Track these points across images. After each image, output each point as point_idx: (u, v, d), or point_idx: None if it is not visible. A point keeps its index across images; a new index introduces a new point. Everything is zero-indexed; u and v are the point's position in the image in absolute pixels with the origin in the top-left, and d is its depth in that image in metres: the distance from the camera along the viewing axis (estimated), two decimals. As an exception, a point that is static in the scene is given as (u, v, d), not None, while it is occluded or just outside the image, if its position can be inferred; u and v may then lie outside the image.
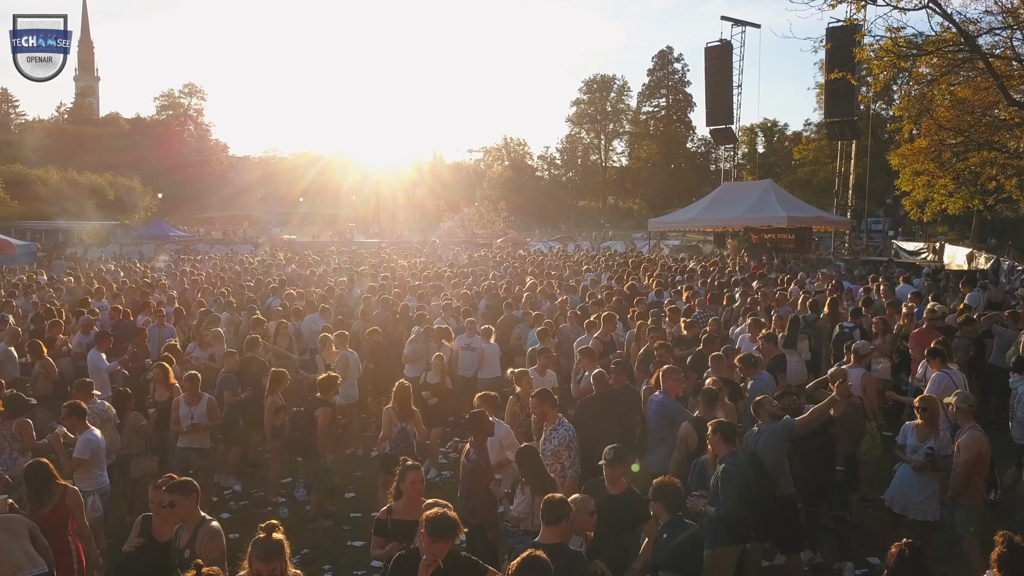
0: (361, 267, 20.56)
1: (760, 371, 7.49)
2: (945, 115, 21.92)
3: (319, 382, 7.79)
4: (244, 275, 19.87)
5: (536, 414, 6.33)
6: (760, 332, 9.54)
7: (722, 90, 35.67)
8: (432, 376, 8.99)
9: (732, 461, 5.21)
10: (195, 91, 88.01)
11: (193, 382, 7.81)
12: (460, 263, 22.82)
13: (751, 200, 26.96)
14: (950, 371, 7.82)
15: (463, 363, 10.24)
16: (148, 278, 18.34)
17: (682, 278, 17.12)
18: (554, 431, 6.12)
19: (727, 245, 29.19)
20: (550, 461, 5.91)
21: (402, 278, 17.16)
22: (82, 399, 6.75)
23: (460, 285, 15.66)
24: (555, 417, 6.20)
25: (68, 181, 47.62)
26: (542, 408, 6.24)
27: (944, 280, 16.20)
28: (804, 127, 67.82)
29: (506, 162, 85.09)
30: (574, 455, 6.00)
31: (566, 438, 6.05)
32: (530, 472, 5.12)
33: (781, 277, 16.02)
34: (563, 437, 6.05)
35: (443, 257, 26.13)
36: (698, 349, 9.12)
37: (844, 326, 10.48)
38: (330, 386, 7.68)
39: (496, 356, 9.97)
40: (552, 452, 6.00)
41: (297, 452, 7.82)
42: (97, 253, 32.00)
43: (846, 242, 33.17)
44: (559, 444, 6.03)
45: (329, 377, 7.77)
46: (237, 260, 25.22)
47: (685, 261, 23.20)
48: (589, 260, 23.85)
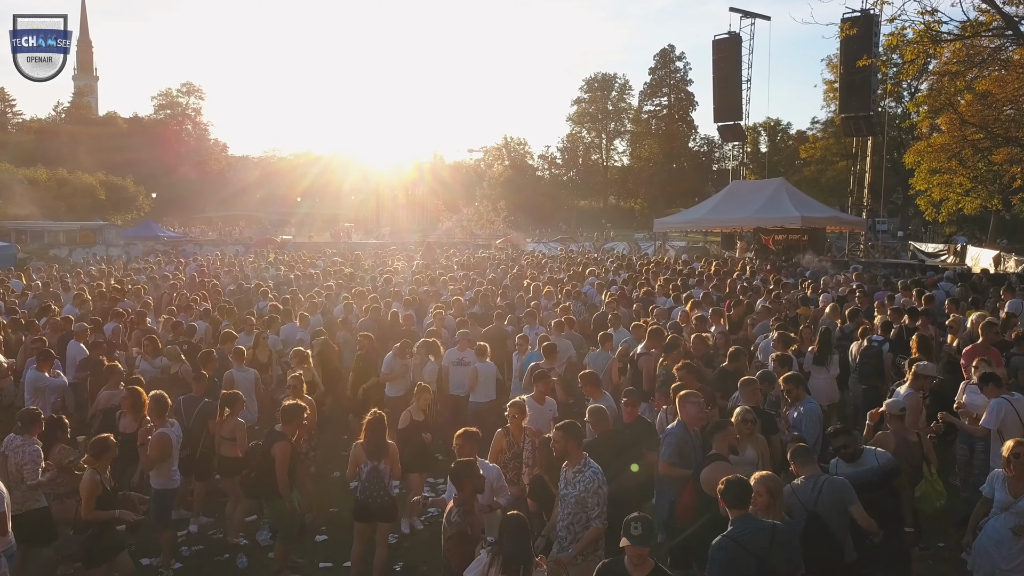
0: (348, 270, 19.44)
1: (808, 397, 6.31)
2: (968, 109, 20.86)
3: (283, 410, 6.65)
4: (229, 279, 18.71)
5: (557, 451, 5.26)
6: (789, 348, 8.43)
7: (730, 85, 34.34)
8: (417, 411, 7.26)
9: (738, 534, 4.09)
10: (193, 90, 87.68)
11: (161, 405, 6.63)
12: (454, 266, 21.63)
13: (762, 199, 25.68)
14: (1011, 397, 6.55)
15: (454, 380, 9.11)
16: (120, 283, 17.17)
17: (692, 282, 15.98)
18: (579, 473, 5.11)
19: (736, 246, 27.98)
20: (572, 509, 5.03)
21: (391, 282, 16.00)
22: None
23: (455, 290, 14.53)
24: (579, 456, 5.17)
25: (57, 181, 46.47)
26: (566, 445, 5.18)
27: (979, 285, 14.97)
28: (811, 125, 66.54)
29: (506, 162, 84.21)
30: (602, 503, 5.03)
31: (594, 483, 5.04)
32: (511, 549, 4.07)
33: (801, 282, 14.81)
34: (590, 482, 5.04)
35: (438, 260, 24.94)
36: (723, 365, 7.98)
37: (873, 340, 9.25)
38: (294, 416, 6.54)
39: (492, 376, 8.83)
40: (576, 499, 5.03)
41: (256, 494, 6.68)
42: (82, 255, 30.88)
43: (861, 243, 31.65)
44: (585, 490, 5.03)
45: (293, 407, 6.62)
46: (227, 262, 24.02)
47: (691, 264, 21.97)
48: (595, 263, 22.70)
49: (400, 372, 8.89)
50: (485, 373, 8.75)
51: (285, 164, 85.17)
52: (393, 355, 8.94)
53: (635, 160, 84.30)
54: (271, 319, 11.17)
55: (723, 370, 7.96)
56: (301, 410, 6.60)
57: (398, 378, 8.87)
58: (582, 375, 7.23)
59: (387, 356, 9.00)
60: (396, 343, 9.11)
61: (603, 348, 8.72)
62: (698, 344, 8.63)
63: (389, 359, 8.95)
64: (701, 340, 8.71)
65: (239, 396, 7.04)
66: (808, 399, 6.36)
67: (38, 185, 45.23)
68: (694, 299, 12.68)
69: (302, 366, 8.67)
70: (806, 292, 14.17)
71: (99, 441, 5.74)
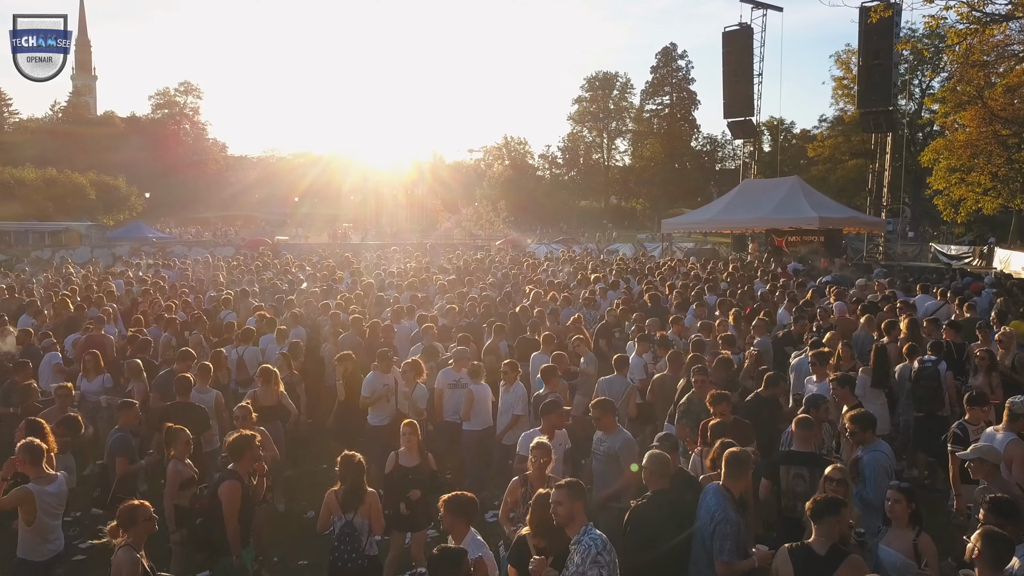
0: (340, 273, 18.25)
1: (877, 441, 5.13)
2: (996, 103, 19.69)
3: (229, 444, 5.46)
4: (209, 284, 17.49)
5: (561, 518, 4.02)
6: (830, 368, 7.21)
7: (741, 79, 32.65)
8: (407, 455, 5.89)
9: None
10: (191, 89, 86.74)
11: (33, 453, 5.04)
12: (449, 271, 20.34)
13: (776, 199, 24.30)
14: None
15: (449, 405, 7.91)
16: (90, 289, 15.95)
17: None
18: (576, 543, 3.94)
19: (748, 248, 26.69)
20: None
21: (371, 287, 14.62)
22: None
23: (450, 295, 13.29)
24: (583, 521, 4.00)
25: (45, 181, 45.27)
26: (571, 508, 3.98)
27: (1014, 292, 13.75)
28: (818, 123, 65.01)
29: (506, 161, 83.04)
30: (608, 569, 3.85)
31: (591, 551, 3.86)
32: None
33: (829, 288, 13.57)
34: (587, 550, 3.87)
35: (435, 262, 23.61)
36: (758, 392, 6.82)
37: (926, 361, 7.90)
38: (243, 449, 5.34)
39: (487, 400, 7.63)
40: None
41: (201, 547, 5.48)
42: (64, 256, 29.65)
43: (880, 245, 29.69)
44: (581, 561, 3.86)
45: (241, 438, 5.41)
46: (212, 265, 22.80)
47: (708, 268, 20.62)
48: (603, 266, 21.47)
49: (384, 394, 7.71)
50: (480, 396, 7.56)
51: (284, 164, 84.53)
52: (374, 373, 7.76)
53: (637, 160, 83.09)
54: (246, 332, 9.99)
55: (758, 397, 6.80)
56: (250, 441, 5.40)
57: (381, 401, 7.68)
58: (595, 403, 6.05)
59: (368, 376, 7.79)
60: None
61: (619, 373, 7.51)
62: (720, 367, 7.42)
63: (371, 379, 7.75)
64: (725, 363, 7.51)
65: (181, 433, 5.82)
66: (877, 444, 5.15)
67: (25, 185, 44.02)
68: (708, 307, 11.59)
69: (269, 385, 7.51)
70: (830, 301, 13.02)
71: None
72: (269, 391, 7.53)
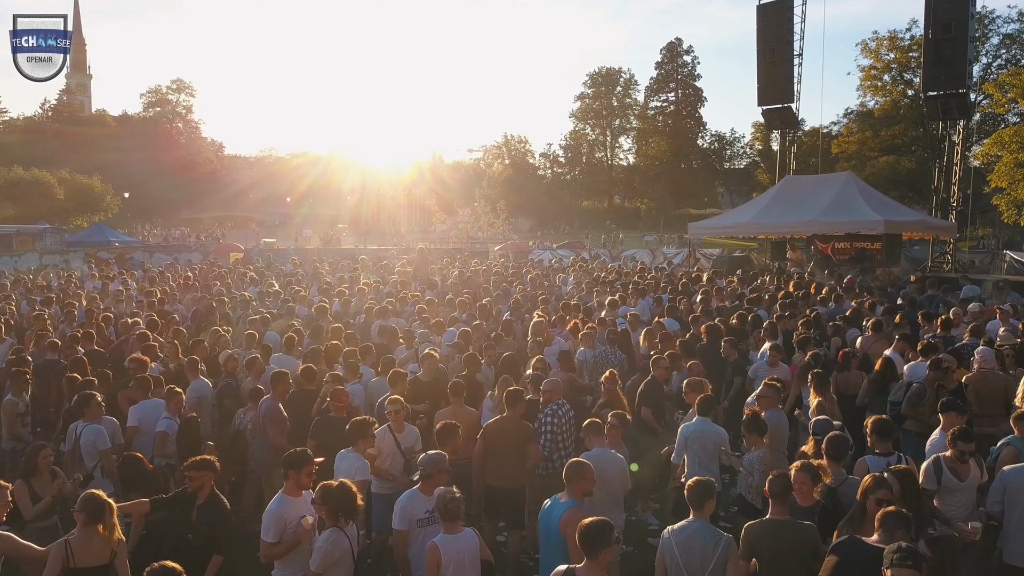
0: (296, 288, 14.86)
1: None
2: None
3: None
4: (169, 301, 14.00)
5: None
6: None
7: (779, 60, 27.32)
8: None
9: None
10: (183, 87, 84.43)
11: None
12: (436, 284, 16.82)
13: (827, 199, 20.36)
14: None
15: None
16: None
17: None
18: None
19: (786, 256, 22.91)
20: None
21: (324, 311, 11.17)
22: None
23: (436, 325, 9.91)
24: None
25: (7, 180, 41.90)
26: None
27: None
28: (843, 116, 60.78)
29: (506, 160, 79.87)
30: None
31: None
32: None
33: (937, 319, 10.04)
34: None
35: (421, 272, 19.75)
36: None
37: None
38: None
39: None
40: None
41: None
42: (9, 264, 26.24)
43: (948, 253, 24.45)
44: None
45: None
46: (175, 276, 19.14)
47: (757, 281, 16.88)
48: (621, 276, 18.08)
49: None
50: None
51: (282, 164, 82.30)
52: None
53: (641, 158, 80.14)
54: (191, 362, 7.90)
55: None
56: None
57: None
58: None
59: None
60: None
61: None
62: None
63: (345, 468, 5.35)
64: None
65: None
66: None
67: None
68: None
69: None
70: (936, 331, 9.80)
71: None
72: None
